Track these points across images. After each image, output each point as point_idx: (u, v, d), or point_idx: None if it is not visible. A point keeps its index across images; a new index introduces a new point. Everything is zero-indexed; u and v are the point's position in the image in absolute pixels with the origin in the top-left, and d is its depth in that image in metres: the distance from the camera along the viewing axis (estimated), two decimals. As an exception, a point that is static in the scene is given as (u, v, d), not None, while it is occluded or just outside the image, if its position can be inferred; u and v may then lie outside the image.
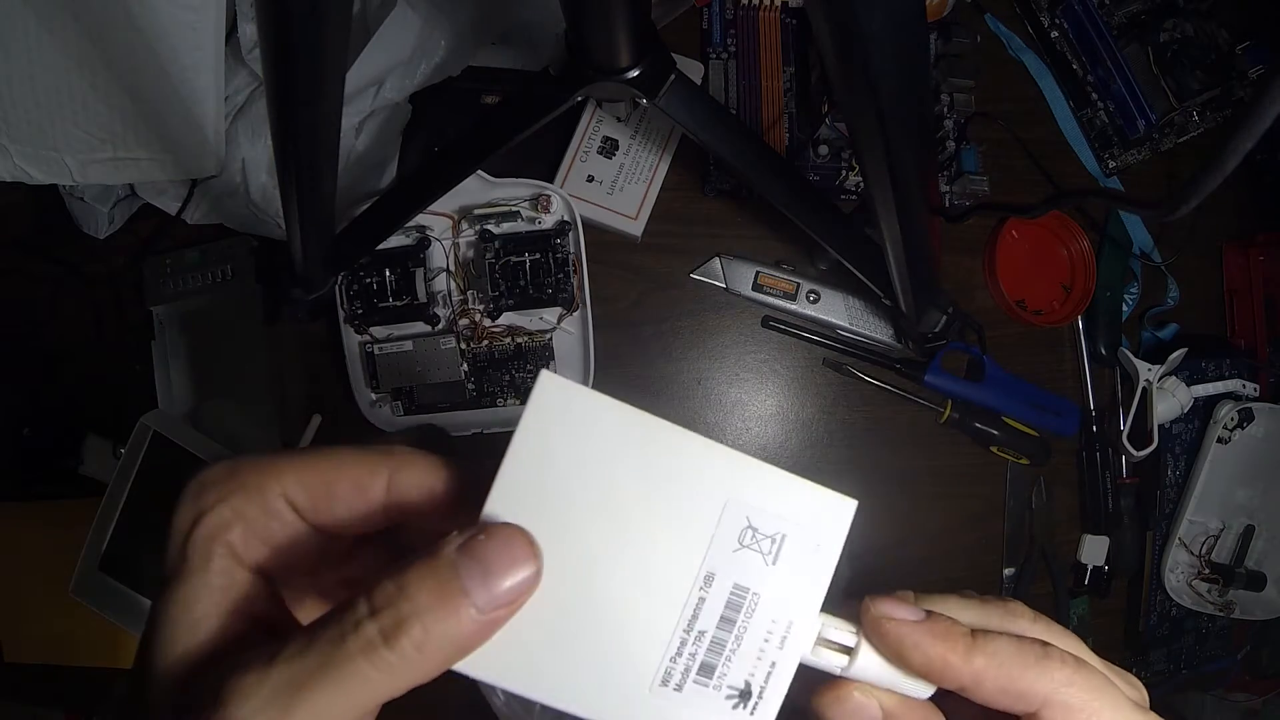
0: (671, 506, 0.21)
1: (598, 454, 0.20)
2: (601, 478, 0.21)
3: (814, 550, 0.21)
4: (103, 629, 0.56)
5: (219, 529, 0.20)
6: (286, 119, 0.36)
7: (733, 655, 0.21)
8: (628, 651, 0.20)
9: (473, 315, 0.59)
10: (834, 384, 0.66)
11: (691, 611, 0.21)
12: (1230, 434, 0.66)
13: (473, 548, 0.18)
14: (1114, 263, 0.67)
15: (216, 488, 0.20)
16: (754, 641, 0.21)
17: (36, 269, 0.61)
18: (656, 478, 0.21)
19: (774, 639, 0.21)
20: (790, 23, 0.63)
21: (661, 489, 0.21)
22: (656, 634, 0.21)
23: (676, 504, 0.21)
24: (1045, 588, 0.68)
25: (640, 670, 0.20)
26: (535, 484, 0.20)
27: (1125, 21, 0.66)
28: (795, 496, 0.21)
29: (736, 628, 0.21)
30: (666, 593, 0.21)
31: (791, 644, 0.21)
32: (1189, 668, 0.70)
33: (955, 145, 0.64)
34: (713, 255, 0.64)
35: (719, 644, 0.21)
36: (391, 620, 0.18)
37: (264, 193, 0.56)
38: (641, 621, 0.20)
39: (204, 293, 0.60)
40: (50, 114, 0.50)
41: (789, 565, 0.21)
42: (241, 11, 0.52)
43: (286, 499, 0.21)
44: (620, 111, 0.61)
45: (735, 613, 0.21)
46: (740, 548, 0.21)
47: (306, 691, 0.17)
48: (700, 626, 0.21)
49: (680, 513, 0.21)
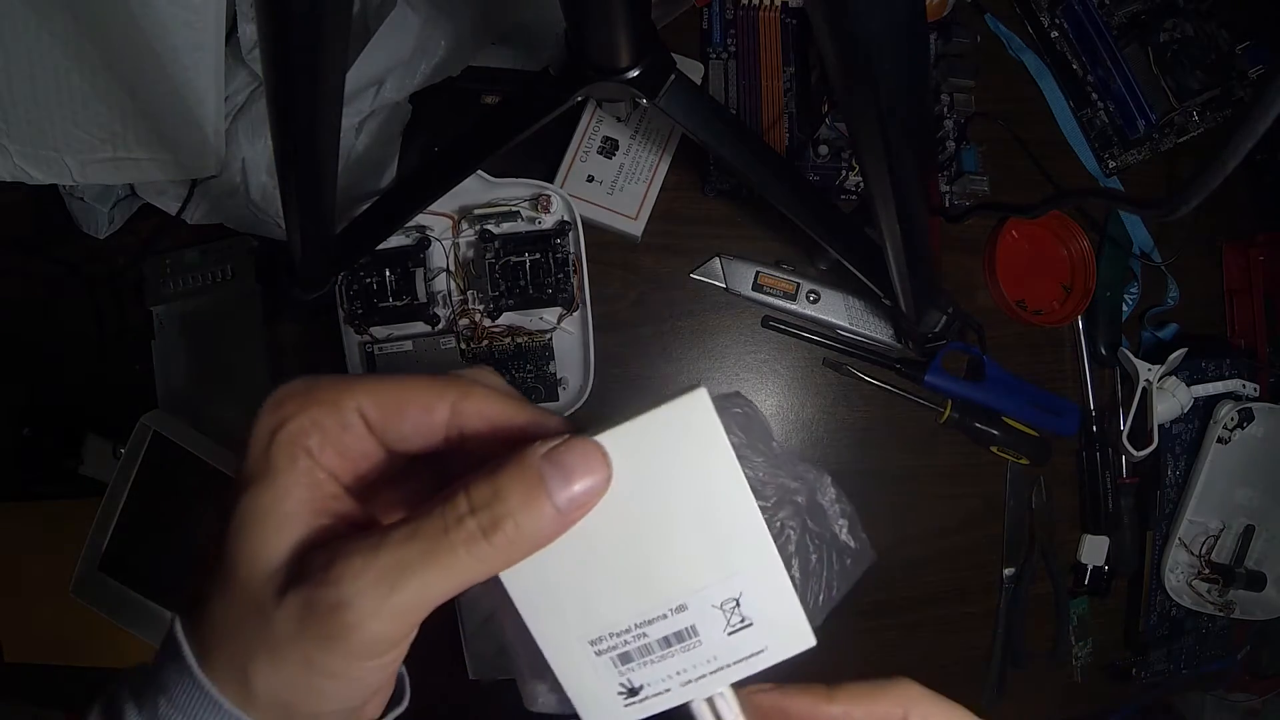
0: (700, 543, 0.24)
1: (685, 473, 0.23)
2: (672, 491, 0.23)
3: (759, 651, 0.25)
4: (103, 629, 0.56)
5: (300, 434, 0.22)
6: (286, 119, 0.36)
7: (649, 663, 0.24)
8: (593, 609, 0.24)
9: (473, 315, 0.59)
10: (834, 384, 0.66)
11: (652, 616, 0.24)
12: (1230, 434, 0.66)
13: (555, 455, 0.21)
14: (1114, 263, 0.67)
15: (296, 399, 0.22)
16: (671, 666, 0.24)
17: (36, 269, 0.61)
18: (707, 518, 0.23)
19: (684, 676, 0.25)
20: (790, 23, 0.63)
21: (704, 528, 0.23)
22: (619, 613, 0.24)
23: (705, 546, 0.24)
24: (1045, 588, 0.68)
25: (588, 626, 0.24)
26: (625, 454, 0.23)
27: (1125, 21, 0.66)
28: (779, 609, 0.24)
29: (669, 650, 0.24)
30: (648, 594, 0.24)
31: (691, 688, 0.25)
32: (1189, 668, 0.70)
33: (955, 145, 0.64)
34: (713, 255, 0.64)
35: (648, 650, 0.24)
36: (489, 518, 0.20)
37: (264, 193, 0.56)
38: (617, 597, 0.24)
39: (204, 293, 0.60)
40: (50, 114, 0.50)
41: (738, 644, 0.24)
42: (241, 11, 0.52)
43: (360, 414, 0.23)
44: (620, 111, 0.61)
45: (677, 642, 0.24)
46: (717, 608, 0.24)
47: (411, 573, 0.20)
48: (648, 629, 0.24)
49: (701, 553, 0.24)
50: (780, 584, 0.24)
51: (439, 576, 0.20)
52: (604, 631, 0.24)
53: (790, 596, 0.24)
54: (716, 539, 0.23)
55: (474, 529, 0.20)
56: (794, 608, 0.24)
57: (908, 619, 0.66)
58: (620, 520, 0.23)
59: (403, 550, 0.20)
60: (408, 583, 0.20)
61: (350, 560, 0.20)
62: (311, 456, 0.22)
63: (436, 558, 0.20)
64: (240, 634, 0.22)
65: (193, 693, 0.22)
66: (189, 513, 0.57)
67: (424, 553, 0.20)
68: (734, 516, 0.23)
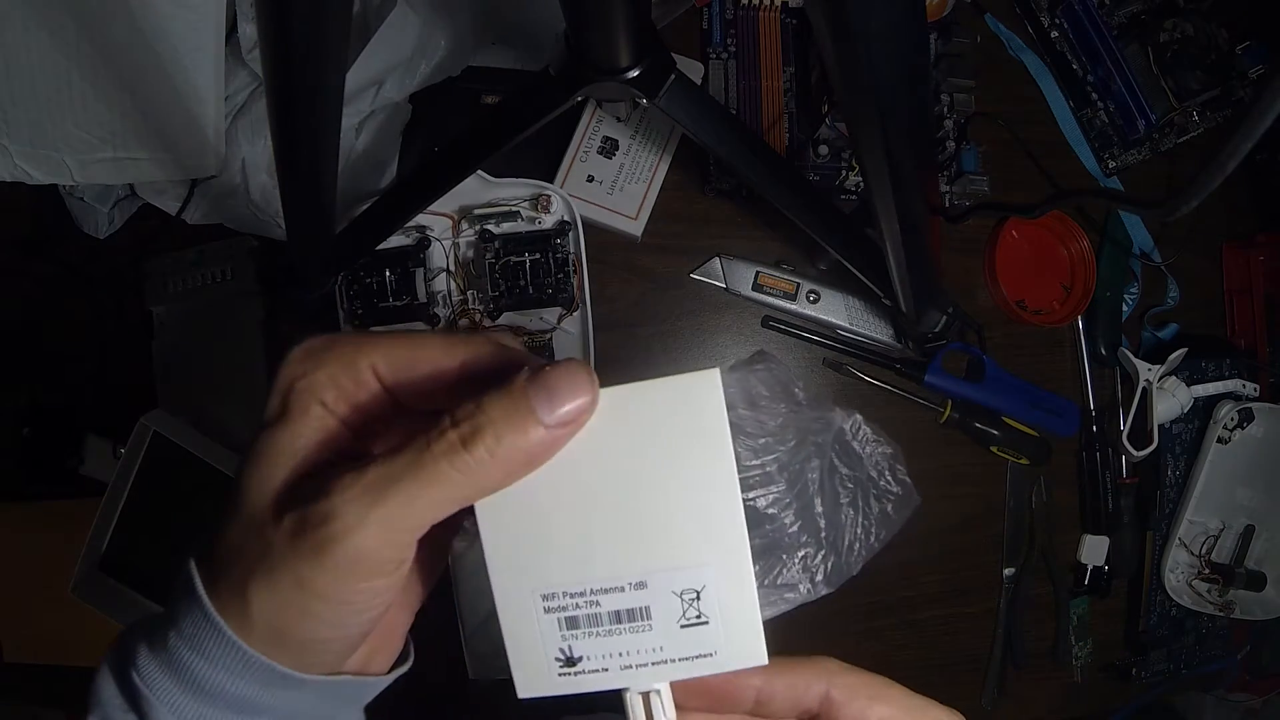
0: (677, 523, 0.23)
1: (679, 448, 0.23)
2: (662, 462, 0.23)
3: (708, 654, 0.24)
4: (103, 629, 0.56)
5: (316, 387, 0.24)
6: (286, 119, 0.36)
7: (595, 635, 0.24)
8: (554, 562, 0.23)
9: (473, 315, 0.59)
10: (834, 384, 0.66)
11: (609, 586, 0.23)
12: (1230, 434, 0.66)
13: (541, 376, 0.22)
14: (1114, 263, 0.67)
15: (316, 355, 0.24)
16: (615, 645, 0.24)
17: (36, 269, 0.61)
18: (689, 500, 0.23)
19: (625, 660, 0.24)
20: (790, 23, 0.63)
21: (684, 509, 0.23)
22: (578, 572, 0.23)
23: (680, 526, 0.23)
24: (1045, 588, 0.68)
25: (545, 578, 0.23)
26: (626, 413, 0.23)
27: (1125, 21, 0.66)
28: (739, 615, 0.24)
29: (617, 626, 0.24)
30: (612, 560, 0.23)
31: (629, 676, 0.24)
32: (1189, 668, 0.70)
33: (955, 145, 0.64)
34: (713, 255, 0.64)
35: (596, 620, 0.24)
36: (470, 429, 0.21)
37: (264, 193, 0.56)
38: (580, 556, 0.23)
39: (204, 293, 0.60)
40: (50, 114, 0.50)
41: (688, 640, 0.24)
42: (241, 11, 0.52)
43: (374, 370, 0.24)
44: (620, 111, 0.61)
45: (628, 620, 0.24)
46: (676, 595, 0.24)
47: (396, 485, 0.21)
48: (601, 599, 0.23)
49: (675, 533, 0.23)
50: (746, 589, 0.24)
51: (421, 489, 0.21)
52: (559, 589, 0.23)
53: (753, 605, 0.24)
54: (693, 523, 0.23)
55: (454, 439, 0.21)
56: (754, 618, 0.24)
57: (908, 619, 0.66)
58: (605, 477, 0.23)
59: (388, 465, 0.21)
60: (392, 495, 0.21)
61: (342, 476, 0.22)
62: (325, 407, 0.24)
63: (418, 470, 0.21)
64: (243, 558, 0.22)
65: (200, 622, 0.22)
66: (189, 512, 0.57)
67: (407, 465, 0.21)
68: (717, 506, 0.23)
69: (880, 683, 0.25)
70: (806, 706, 0.25)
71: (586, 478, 0.23)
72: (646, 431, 0.23)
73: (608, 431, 0.23)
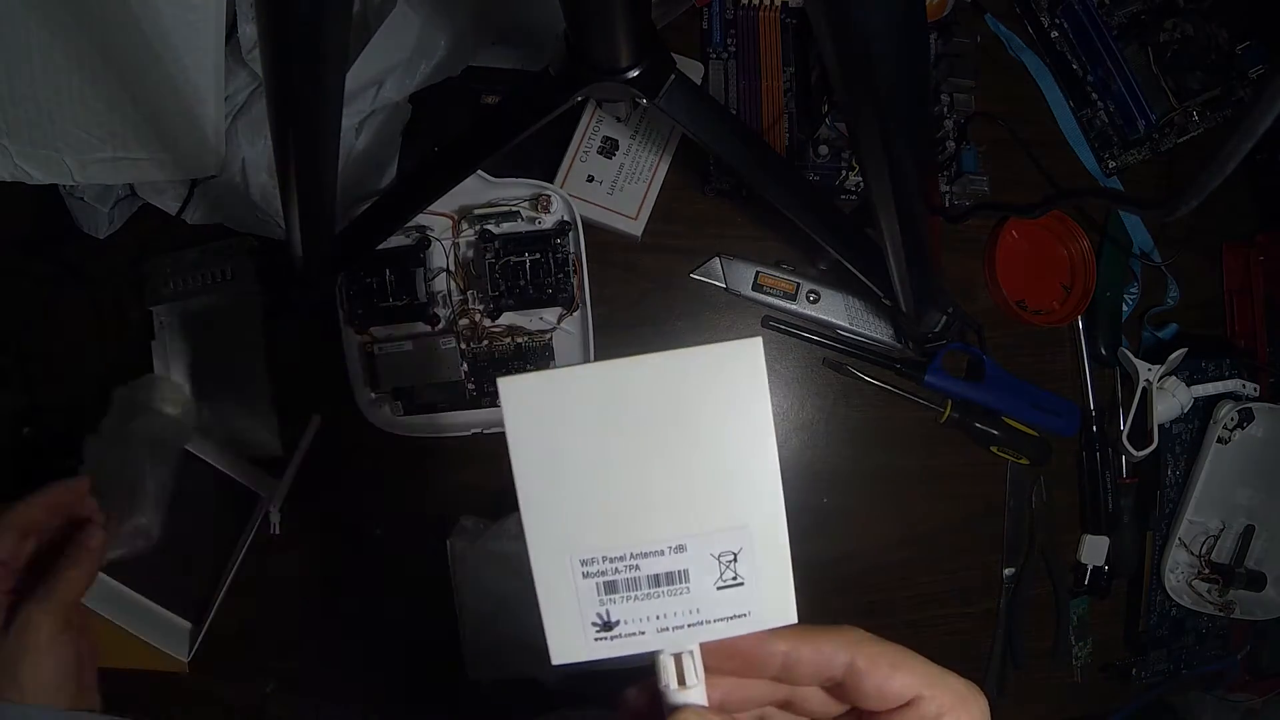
0: (717, 486, 0.23)
1: (721, 413, 0.23)
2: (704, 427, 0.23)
3: (742, 614, 0.24)
4: (103, 629, 0.56)
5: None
6: (286, 119, 0.36)
7: (633, 599, 0.24)
8: (594, 527, 0.23)
9: (473, 315, 0.59)
10: (834, 384, 0.66)
11: (649, 550, 0.24)
12: (1230, 434, 0.66)
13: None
14: (1114, 263, 0.67)
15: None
16: (653, 608, 0.24)
17: (36, 269, 0.61)
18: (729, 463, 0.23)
19: (662, 622, 0.24)
20: (790, 23, 0.63)
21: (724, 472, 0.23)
22: (619, 537, 0.23)
23: (720, 490, 0.23)
24: (1045, 588, 0.68)
25: (585, 544, 0.23)
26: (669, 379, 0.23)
27: (1125, 21, 0.66)
28: (773, 575, 0.24)
29: (656, 590, 0.24)
30: (653, 524, 0.23)
31: (664, 638, 0.24)
32: (1189, 668, 0.70)
33: (955, 145, 0.64)
34: (713, 255, 0.64)
35: (635, 584, 0.24)
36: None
37: (264, 193, 0.56)
38: (621, 520, 0.23)
39: (204, 293, 0.60)
40: (50, 114, 0.50)
41: (724, 602, 0.24)
42: (241, 11, 0.52)
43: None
44: (620, 111, 0.61)
45: (667, 583, 0.24)
46: (715, 557, 0.24)
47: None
48: (641, 562, 0.24)
49: (715, 496, 0.23)
50: (781, 549, 0.24)
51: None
52: (598, 554, 0.24)
53: (787, 565, 0.24)
54: (733, 486, 0.24)
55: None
56: (787, 577, 0.24)
57: (908, 619, 0.66)
58: (646, 442, 0.23)
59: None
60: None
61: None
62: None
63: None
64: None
65: None
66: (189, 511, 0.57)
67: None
68: (755, 469, 0.24)
69: (902, 653, 0.25)
70: (830, 674, 0.25)
71: (627, 443, 0.23)
72: (688, 397, 0.23)
73: (649, 397, 0.23)
